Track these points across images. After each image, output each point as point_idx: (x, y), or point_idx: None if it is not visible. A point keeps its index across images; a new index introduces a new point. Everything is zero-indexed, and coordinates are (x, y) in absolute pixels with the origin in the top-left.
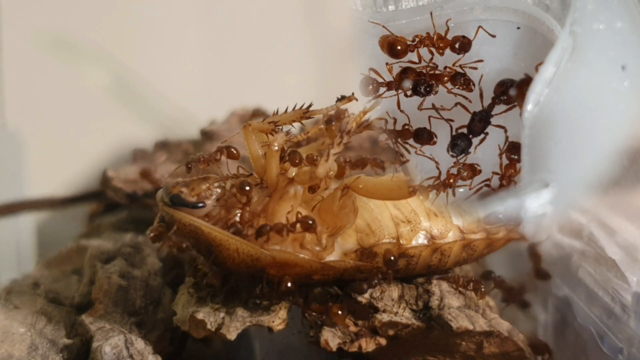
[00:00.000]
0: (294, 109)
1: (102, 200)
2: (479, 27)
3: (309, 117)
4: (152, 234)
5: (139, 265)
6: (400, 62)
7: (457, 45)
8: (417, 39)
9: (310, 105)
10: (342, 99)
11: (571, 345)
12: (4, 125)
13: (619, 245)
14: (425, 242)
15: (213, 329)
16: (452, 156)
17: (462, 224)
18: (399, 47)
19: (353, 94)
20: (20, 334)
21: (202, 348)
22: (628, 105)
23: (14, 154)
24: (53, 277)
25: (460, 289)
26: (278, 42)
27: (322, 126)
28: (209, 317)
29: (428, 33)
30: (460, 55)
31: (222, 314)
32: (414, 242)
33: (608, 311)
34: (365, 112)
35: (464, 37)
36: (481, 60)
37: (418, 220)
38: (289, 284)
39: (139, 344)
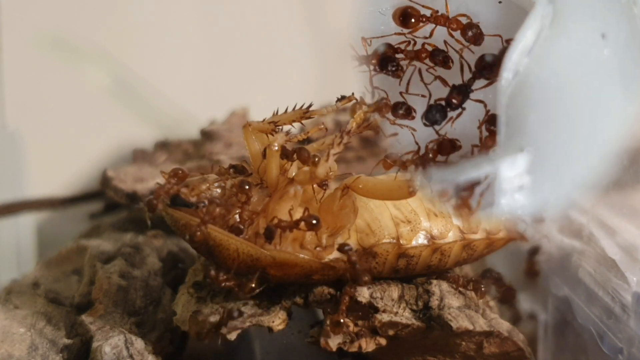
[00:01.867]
0: (294, 109)
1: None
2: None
3: (309, 117)
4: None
5: (139, 265)
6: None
7: (469, 33)
8: (433, 13)
9: (310, 105)
10: (342, 99)
11: (571, 345)
12: (4, 125)
13: (619, 245)
14: (425, 242)
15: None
16: (425, 125)
17: (462, 224)
18: (412, 19)
19: (353, 94)
20: (20, 334)
21: (202, 348)
22: (610, 75)
23: (14, 154)
24: (53, 277)
25: (460, 289)
26: (278, 42)
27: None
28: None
29: (445, 12)
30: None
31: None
32: (414, 242)
33: (608, 311)
34: (365, 113)
35: (478, 26)
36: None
37: (418, 221)
38: (253, 285)
39: (139, 344)
